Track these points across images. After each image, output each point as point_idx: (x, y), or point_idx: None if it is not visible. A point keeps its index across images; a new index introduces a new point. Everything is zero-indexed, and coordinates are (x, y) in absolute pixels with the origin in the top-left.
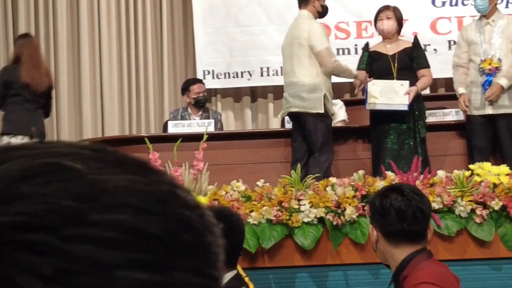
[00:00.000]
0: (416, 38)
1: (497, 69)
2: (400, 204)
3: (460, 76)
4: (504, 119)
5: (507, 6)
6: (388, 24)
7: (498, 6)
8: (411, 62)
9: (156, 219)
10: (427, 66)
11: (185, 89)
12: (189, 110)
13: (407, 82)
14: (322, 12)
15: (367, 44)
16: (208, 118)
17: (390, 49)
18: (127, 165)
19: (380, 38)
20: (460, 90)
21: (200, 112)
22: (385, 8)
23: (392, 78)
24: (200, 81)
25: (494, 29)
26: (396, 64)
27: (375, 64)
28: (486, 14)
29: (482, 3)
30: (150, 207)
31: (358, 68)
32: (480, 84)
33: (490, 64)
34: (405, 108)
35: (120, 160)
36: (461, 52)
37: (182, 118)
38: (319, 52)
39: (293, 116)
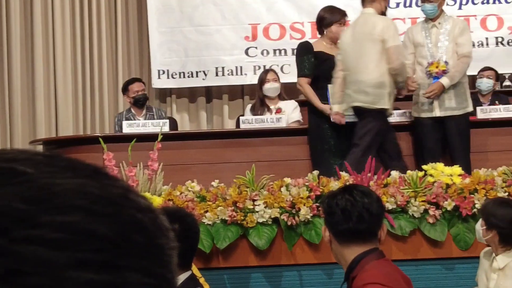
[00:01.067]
0: None
1: (444, 72)
2: (346, 204)
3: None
4: (453, 120)
5: (460, 8)
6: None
7: (450, 8)
8: None
9: (106, 221)
10: None
11: (124, 89)
12: (133, 111)
13: None
14: (385, 13)
15: (311, 46)
16: (152, 116)
17: (333, 50)
18: (80, 169)
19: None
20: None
21: (144, 112)
22: (345, 14)
23: None
24: (138, 80)
25: (441, 31)
26: None
27: (324, 65)
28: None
29: (432, 7)
30: (100, 209)
31: (305, 75)
32: (428, 87)
33: (437, 67)
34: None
35: (73, 165)
36: (408, 54)
37: (127, 120)
38: (390, 47)
39: (355, 111)
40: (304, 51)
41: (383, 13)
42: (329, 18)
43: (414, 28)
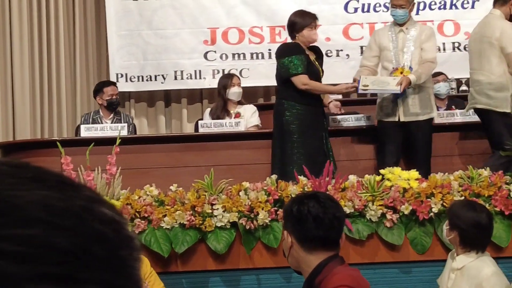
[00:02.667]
0: (319, 48)
1: None
2: (318, 211)
3: (361, 71)
4: (416, 125)
5: (417, 13)
6: (318, 35)
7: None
8: None
9: (67, 234)
10: None
11: (98, 90)
12: (101, 113)
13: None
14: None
15: (303, 47)
16: (120, 121)
17: (310, 55)
18: (46, 181)
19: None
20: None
21: (112, 115)
22: (316, 17)
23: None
24: (113, 83)
25: (407, 37)
26: (321, 69)
27: (308, 68)
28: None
29: (403, 13)
30: (61, 222)
31: (302, 73)
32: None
33: (401, 73)
34: (398, 91)
35: (39, 176)
36: (371, 56)
37: (94, 121)
38: (510, 53)
39: (479, 112)
40: (297, 50)
41: (510, 16)
42: (300, 23)
43: (381, 31)
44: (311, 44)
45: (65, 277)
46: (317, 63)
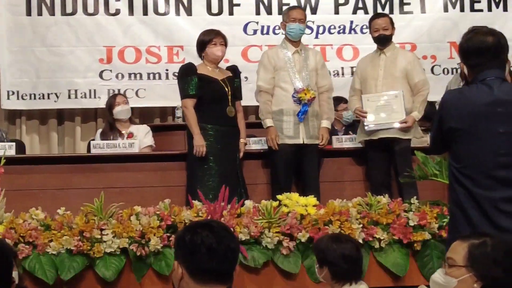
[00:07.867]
0: (237, 68)
1: (313, 99)
2: (212, 241)
3: (267, 104)
4: (313, 147)
5: (316, 37)
6: (223, 51)
7: (306, 36)
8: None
9: None
10: (241, 98)
11: None
12: None
13: (400, 92)
14: None
15: (195, 67)
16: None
17: (217, 74)
18: None
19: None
20: (268, 122)
21: None
22: (218, 33)
23: (227, 104)
24: None
25: (302, 58)
26: (229, 90)
27: (209, 87)
28: (297, 41)
29: (300, 28)
30: None
31: (189, 95)
32: (295, 113)
33: (306, 94)
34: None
35: None
36: (269, 78)
37: None
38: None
39: None
40: (187, 72)
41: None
42: (202, 41)
43: (274, 51)
44: (226, 63)
45: None
46: (227, 82)
